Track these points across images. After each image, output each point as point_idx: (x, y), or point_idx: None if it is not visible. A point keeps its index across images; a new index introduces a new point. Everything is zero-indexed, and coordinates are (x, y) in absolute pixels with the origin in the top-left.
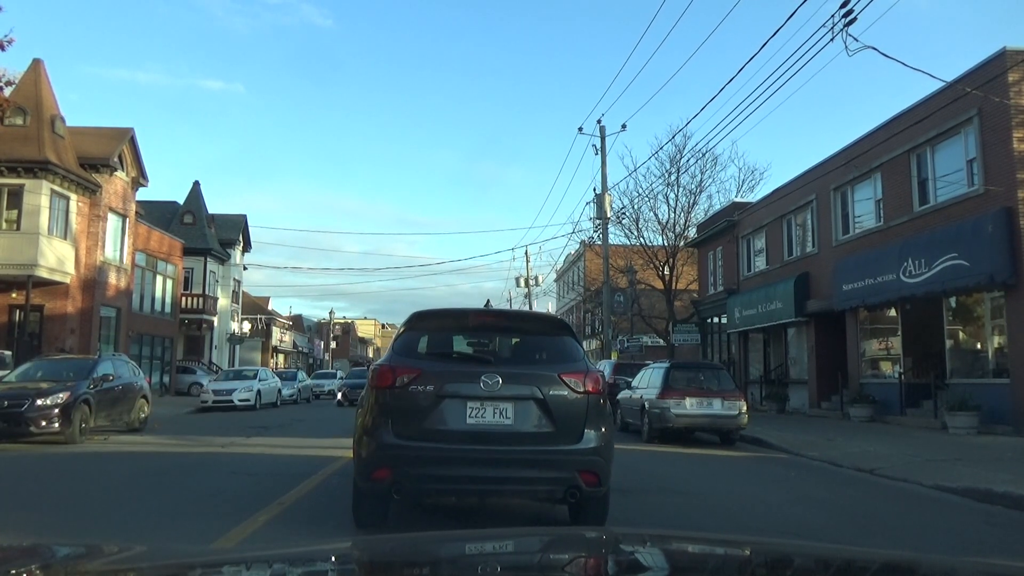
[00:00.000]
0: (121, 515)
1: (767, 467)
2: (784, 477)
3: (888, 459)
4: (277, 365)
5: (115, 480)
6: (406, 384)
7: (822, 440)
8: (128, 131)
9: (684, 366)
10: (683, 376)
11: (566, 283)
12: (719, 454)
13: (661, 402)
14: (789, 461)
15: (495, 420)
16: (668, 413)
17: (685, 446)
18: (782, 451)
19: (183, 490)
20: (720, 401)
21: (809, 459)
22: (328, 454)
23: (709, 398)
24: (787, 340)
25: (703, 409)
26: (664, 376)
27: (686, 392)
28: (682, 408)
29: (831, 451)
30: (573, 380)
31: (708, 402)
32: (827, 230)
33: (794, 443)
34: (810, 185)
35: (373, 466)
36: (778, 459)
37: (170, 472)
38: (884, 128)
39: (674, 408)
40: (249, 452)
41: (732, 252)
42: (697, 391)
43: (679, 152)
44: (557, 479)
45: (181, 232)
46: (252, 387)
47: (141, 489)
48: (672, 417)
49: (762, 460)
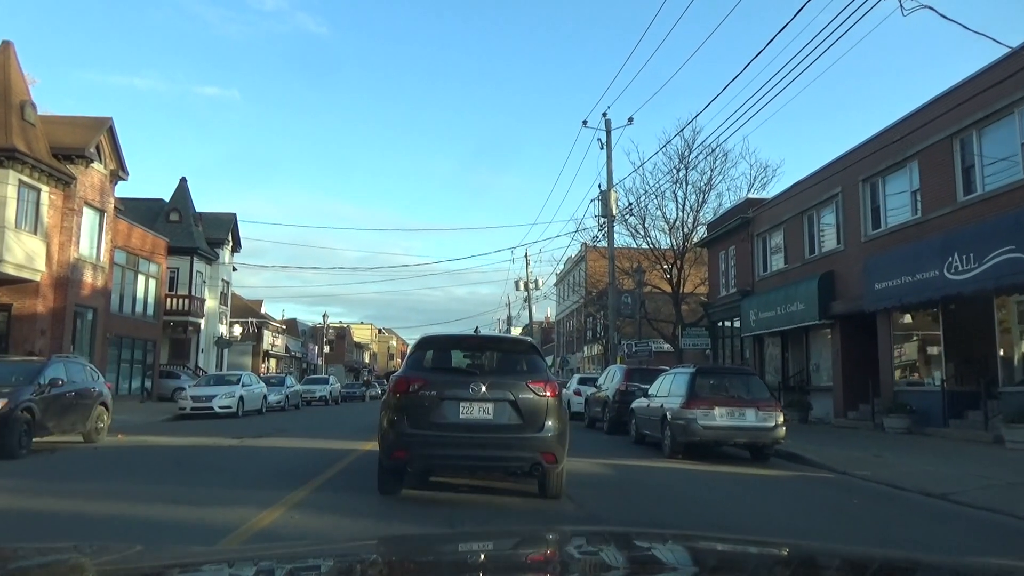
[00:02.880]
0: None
1: (820, 491)
2: (847, 505)
3: (956, 481)
4: (269, 370)
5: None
6: (417, 390)
7: (868, 456)
8: (106, 120)
9: (712, 371)
10: (711, 383)
11: (568, 284)
12: (756, 473)
13: (686, 412)
14: (839, 482)
15: (480, 416)
16: (694, 425)
17: (713, 462)
18: (825, 469)
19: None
20: (754, 411)
21: (861, 479)
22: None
23: (741, 408)
24: (808, 344)
25: (734, 421)
26: (689, 383)
27: (714, 401)
28: (710, 419)
29: (883, 470)
30: (537, 387)
31: (740, 412)
32: (855, 225)
33: (836, 459)
34: (835, 177)
35: (393, 448)
36: (825, 480)
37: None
38: (922, 112)
39: (701, 419)
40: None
41: (746, 251)
42: (727, 400)
43: (688, 147)
44: (525, 458)
45: (166, 230)
46: (234, 393)
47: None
48: (699, 430)
49: (808, 481)
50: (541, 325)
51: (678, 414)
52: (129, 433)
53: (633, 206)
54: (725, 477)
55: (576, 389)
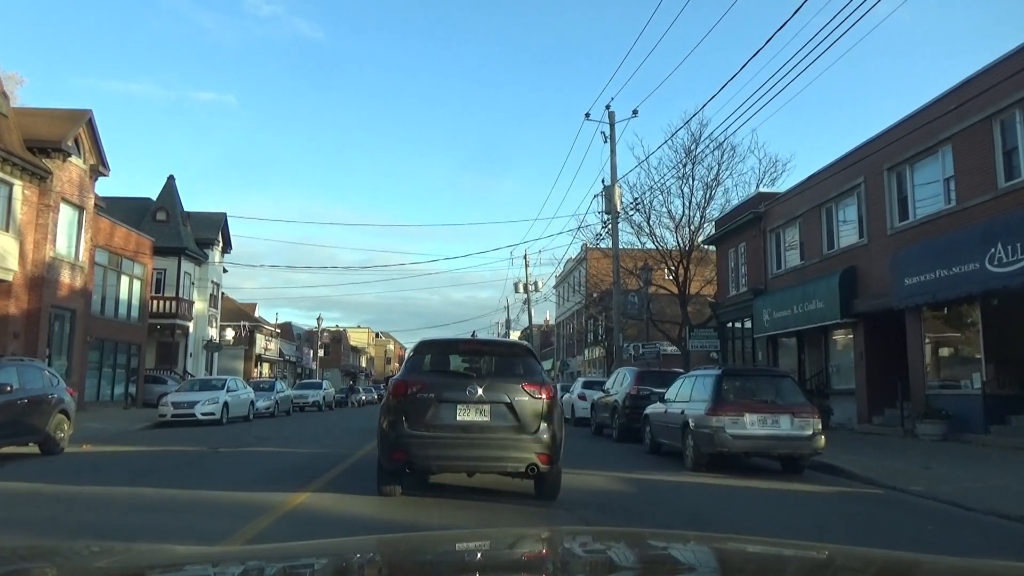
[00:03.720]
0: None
1: (879, 513)
2: (922, 533)
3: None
4: (262, 374)
5: None
6: (415, 392)
7: (914, 467)
8: (85, 113)
9: (740, 373)
10: (739, 386)
11: (569, 286)
12: (795, 489)
13: (712, 420)
14: (894, 501)
15: (477, 418)
16: (722, 435)
17: (742, 476)
18: (870, 483)
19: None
20: (788, 418)
21: (917, 497)
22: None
23: (775, 415)
24: (828, 345)
25: (768, 429)
26: (714, 387)
27: (744, 407)
28: (740, 428)
29: (940, 484)
30: (532, 389)
31: (774, 420)
32: (879, 217)
33: (879, 471)
34: (856, 167)
35: (393, 449)
36: (876, 497)
37: None
38: (955, 93)
39: (730, 428)
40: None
41: (758, 248)
42: (758, 405)
43: (695, 141)
44: (521, 459)
45: (153, 230)
46: (218, 399)
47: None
48: (727, 440)
49: (858, 499)
50: (540, 328)
51: (702, 422)
52: (101, 443)
53: (638, 201)
54: (762, 495)
55: (581, 393)
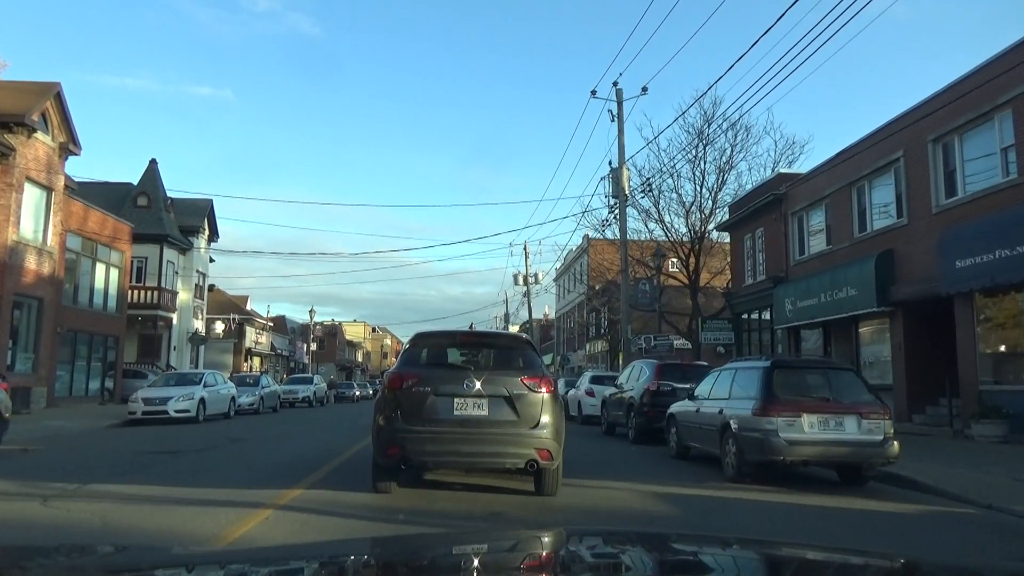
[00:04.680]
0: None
1: (991, 541)
2: None
3: None
4: (252, 368)
5: None
6: (410, 386)
7: (998, 478)
8: (53, 86)
9: (792, 365)
10: (793, 381)
11: (569, 279)
12: (871, 508)
13: (763, 422)
14: (994, 523)
15: (474, 412)
16: (775, 439)
17: (796, 488)
18: (956, 500)
19: None
20: (855, 420)
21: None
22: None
23: (838, 415)
24: (858, 336)
25: (830, 432)
26: (763, 381)
27: (801, 405)
28: (797, 431)
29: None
30: (532, 383)
31: (837, 421)
32: (922, 194)
33: (959, 483)
34: (893, 140)
35: (387, 445)
36: (971, 518)
37: None
38: (1013, 52)
39: (785, 431)
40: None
41: (778, 232)
42: (818, 404)
43: (707, 121)
44: (520, 454)
45: (133, 216)
46: (194, 394)
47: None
48: (782, 446)
49: (952, 522)
50: (540, 322)
51: (749, 424)
52: (55, 443)
53: (649, 182)
54: (834, 516)
55: (588, 389)
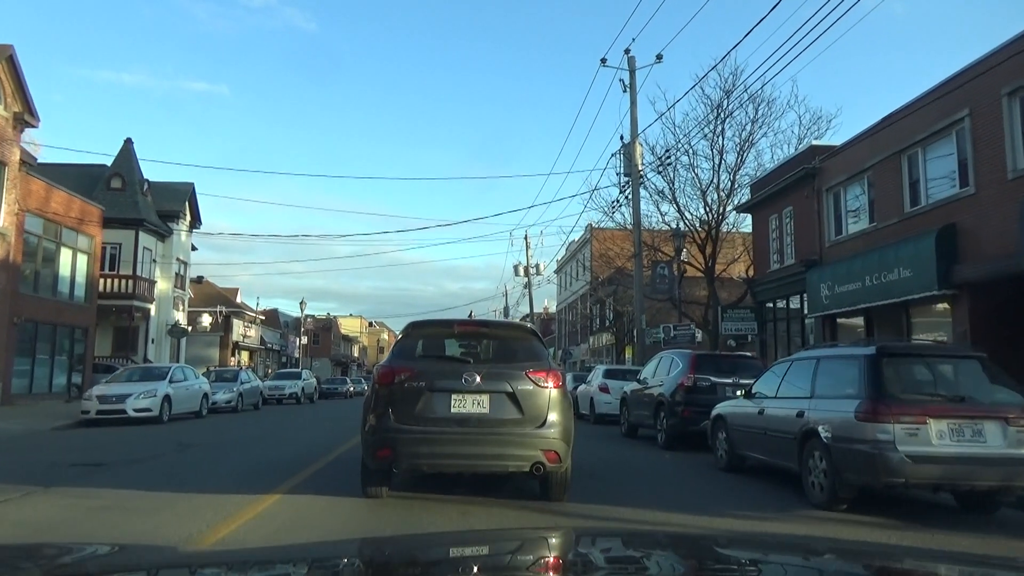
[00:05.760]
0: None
1: None
2: None
3: None
4: (240, 363)
5: None
6: (403, 381)
7: None
8: (5, 48)
9: (906, 352)
10: (910, 373)
11: (571, 272)
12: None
13: (870, 429)
14: None
15: (474, 409)
16: (891, 455)
17: (908, 518)
18: None
19: None
20: (998, 427)
21: None
22: None
23: (976, 421)
24: (909, 324)
25: (967, 446)
26: (868, 373)
27: (925, 408)
28: (923, 443)
29: None
30: (538, 377)
31: (976, 429)
32: (994, 157)
33: None
34: (955, 97)
35: (377, 447)
36: None
37: None
38: None
39: (905, 443)
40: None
41: (810, 211)
42: (948, 407)
43: (726, 93)
44: (525, 456)
45: (106, 199)
46: (156, 391)
47: None
48: (903, 464)
49: None
50: (540, 316)
51: (850, 431)
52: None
53: (665, 157)
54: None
55: (602, 384)
